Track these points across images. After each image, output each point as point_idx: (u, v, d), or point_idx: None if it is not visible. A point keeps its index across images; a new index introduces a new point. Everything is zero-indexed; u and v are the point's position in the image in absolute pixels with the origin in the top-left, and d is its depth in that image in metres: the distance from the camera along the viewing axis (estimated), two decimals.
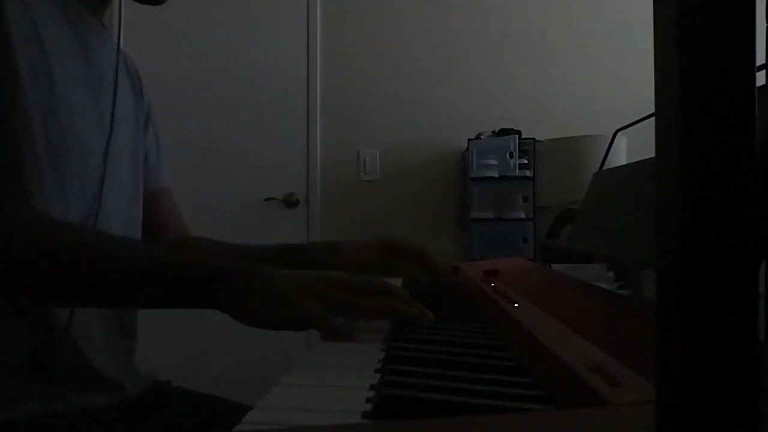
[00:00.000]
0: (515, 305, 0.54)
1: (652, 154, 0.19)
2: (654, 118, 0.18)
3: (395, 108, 2.62)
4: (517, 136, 2.33)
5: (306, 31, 2.63)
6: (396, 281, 0.82)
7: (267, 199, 2.61)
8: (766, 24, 0.33)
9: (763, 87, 0.49)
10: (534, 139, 2.34)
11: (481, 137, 2.37)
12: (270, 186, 2.62)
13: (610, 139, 1.08)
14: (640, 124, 0.94)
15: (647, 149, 0.43)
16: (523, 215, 2.32)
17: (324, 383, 0.40)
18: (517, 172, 2.30)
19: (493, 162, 2.31)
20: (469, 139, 2.35)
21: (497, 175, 2.30)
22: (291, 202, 2.61)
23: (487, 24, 2.61)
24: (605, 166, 1.03)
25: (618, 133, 1.08)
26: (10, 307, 0.64)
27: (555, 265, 0.94)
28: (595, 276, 0.80)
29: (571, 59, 2.58)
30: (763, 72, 0.56)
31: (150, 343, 1.29)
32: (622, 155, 2.10)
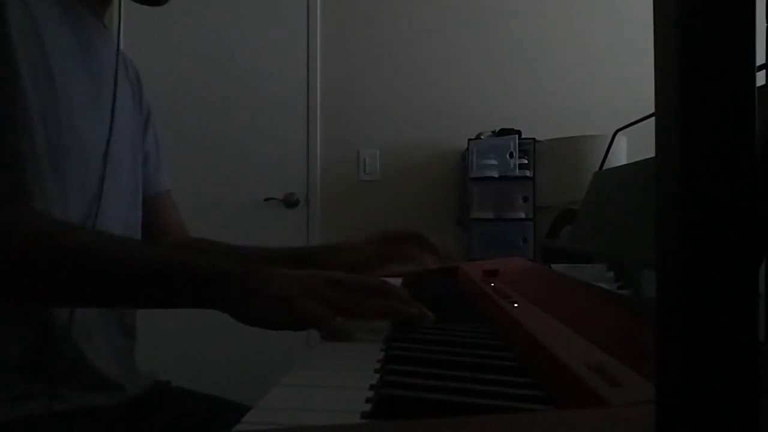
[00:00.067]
0: (515, 305, 0.54)
1: (652, 154, 0.19)
2: (654, 118, 0.18)
3: (395, 108, 2.62)
4: (517, 136, 2.33)
5: (306, 31, 2.63)
6: (396, 281, 0.83)
7: (267, 199, 2.61)
8: (766, 24, 0.33)
9: (763, 87, 0.49)
10: (534, 139, 2.34)
11: (481, 137, 2.37)
12: (270, 186, 2.62)
13: (610, 139, 1.08)
14: (640, 124, 0.94)
15: (647, 149, 0.43)
16: (523, 215, 2.32)
17: (324, 383, 0.40)
18: (517, 172, 2.30)
19: (493, 162, 2.31)
20: (469, 139, 2.35)
21: (497, 175, 2.30)
22: (291, 202, 2.61)
23: (487, 24, 2.61)
24: (605, 166, 1.03)
25: (618, 133, 1.08)
26: (10, 307, 0.64)
27: (555, 265, 0.94)
28: (595, 276, 0.80)
29: (571, 59, 2.58)
30: (763, 72, 0.56)
31: (150, 343, 1.30)
32: (622, 155, 2.10)
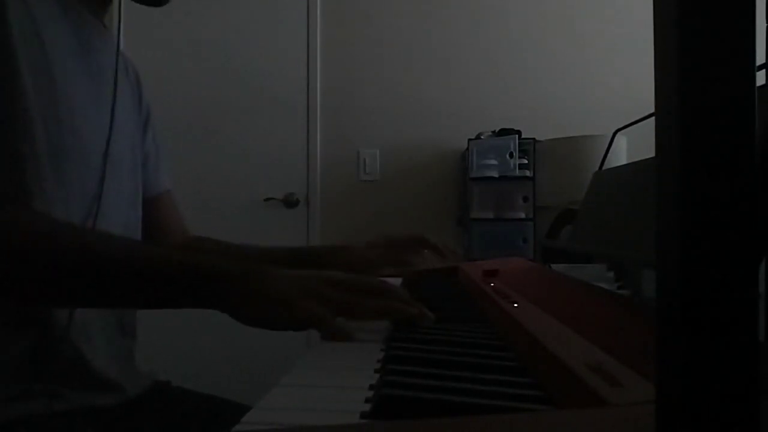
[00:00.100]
0: (515, 305, 0.54)
1: (652, 154, 0.19)
2: (654, 118, 0.18)
3: (395, 108, 2.62)
4: (517, 136, 2.33)
5: (306, 31, 2.63)
6: (396, 281, 0.83)
7: (267, 199, 2.61)
8: (766, 24, 0.33)
9: (763, 87, 0.49)
10: (534, 139, 2.34)
11: (481, 137, 2.37)
12: (270, 186, 2.62)
13: (610, 139, 1.08)
14: (640, 124, 0.94)
15: (647, 149, 0.43)
16: (523, 215, 2.32)
17: (323, 383, 0.40)
18: (517, 172, 2.30)
19: (493, 162, 2.31)
20: (469, 139, 2.35)
21: (497, 175, 2.30)
22: (291, 202, 2.61)
23: (487, 24, 2.61)
24: (605, 166, 1.03)
25: (618, 133, 1.08)
26: (10, 307, 0.64)
27: (555, 265, 0.94)
28: (595, 276, 0.80)
29: (571, 59, 2.58)
30: (763, 72, 0.56)
31: (150, 343, 1.30)
32: (622, 155, 2.10)
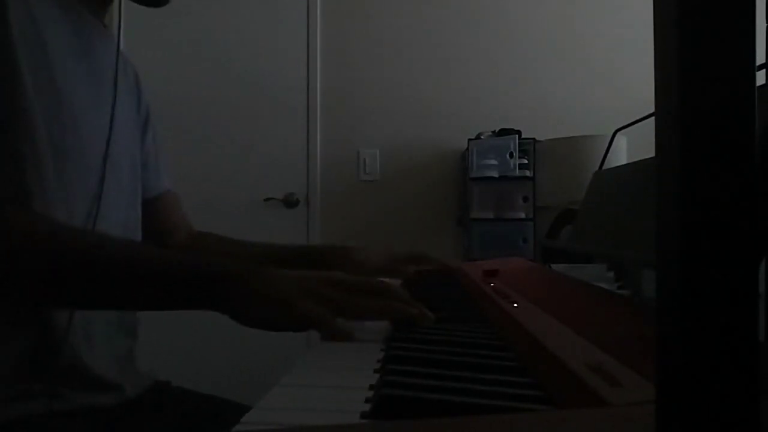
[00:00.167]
0: (515, 305, 0.54)
1: (652, 154, 0.19)
2: (654, 118, 0.18)
3: (395, 108, 2.62)
4: (517, 136, 2.33)
5: (306, 31, 2.63)
6: (396, 281, 0.83)
7: (267, 199, 2.61)
8: (766, 24, 0.33)
9: (763, 87, 0.49)
10: (534, 139, 2.34)
11: (481, 137, 2.37)
12: (270, 186, 2.62)
13: (610, 139, 1.08)
14: (640, 124, 0.94)
15: (647, 149, 0.43)
16: (523, 215, 2.32)
17: (323, 383, 0.40)
18: (517, 172, 2.30)
19: (493, 162, 2.31)
20: (469, 139, 2.35)
21: (497, 175, 2.30)
22: (291, 202, 2.61)
23: (487, 24, 2.61)
24: (605, 166, 1.03)
25: (618, 133, 1.08)
26: (10, 307, 0.64)
27: (555, 265, 0.94)
28: (595, 276, 0.80)
29: (571, 59, 2.58)
30: (763, 72, 0.56)
31: (150, 343, 1.30)
32: (622, 155, 2.10)
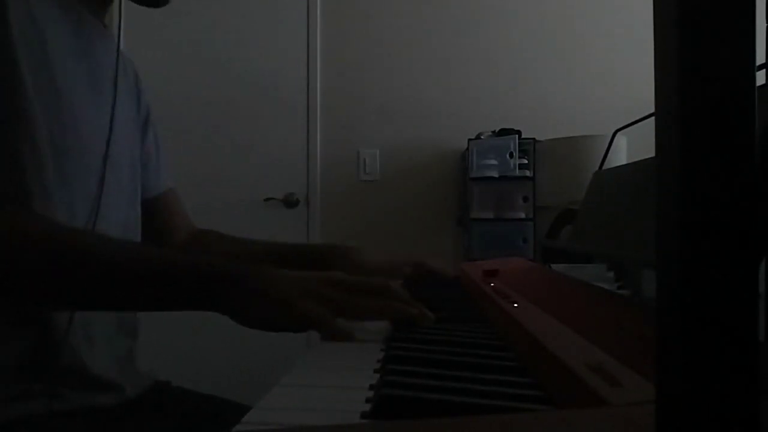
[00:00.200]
0: (515, 305, 0.54)
1: (652, 154, 0.19)
2: (654, 118, 0.18)
3: (395, 108, 2.62)
4: (517, 136, 2.33)
5: (306, 31, 2.63)
6: (396, 281, 0.83)
7: (267, 199, 2.61)
8: (766, 24, 0.33)
9: (763, 87, 0.49)
10: (534, 139, 2.34)
11: (481, 137, 2.37)
12: (270, 186, 2.62)
13: (610, 139, 1.08)
14: (640, 124, 0.94)
15: (647, 149, 0.43)
16: (523, 215, 2.32)
17: (324, 383, 0.40)
18: (517, 172, 2.30)
19: (493, 162, 2.31)
20: (469, 139, 2.35)
21: (497, 175, 2.30)
22: (291, 202, 2.61)
23: (487, 24, 2.61)
24: (605, 166, 1.03)
25: (618, 133, 1.08)
26: (10, 307, 0.64)
27: (555, 265, 0.94)
28: (595, 276, 0.80)
29: (571, 59, 2.58)
30: (763, 72, 0.56)
31: (150, 343, 1.29)
32: (622, 155, 2.10)
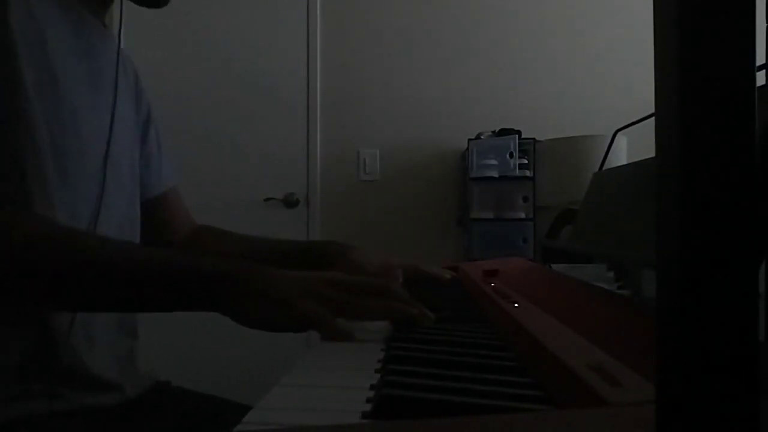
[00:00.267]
0: (515, 305, 0.54)
1: (652, 154, 0.19)
2: (654, 118, 0.18)
3: (395, 108, 2.62)
4: (517, 136, 2.33)
5: (306, 31, 2.63)
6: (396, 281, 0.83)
7: (267, 199, 2.61)
8: (766, 24, 0.33)
9: (763, 87, 0.49)
10: (534, 139, 2.34)
11: (481, 137, 2.37)
12: (270, 186, 2.62)
13: (610, 139, 1.08)
14: (640, 124, 0.94)
15: (647, 149, 0.43)
16: (523, 215, 2.32)
17: (324, 383, 0.40)
18: (517, 172, 2.30)
19: (493, 162, 2.31)
20: (469, 139, 2.35)
21: (497, 175, 2.30)
22: (291, 202, 2.61)
23: (487, 24, 2.61)
24: (605, 166, 1.03)
25: (618, 133, 1.08)
26: (10, 308, 0.64)
27: (555, 265, 0.94)
28: (595, 276, 0.80)
29: (571, 59, 2.58)
30: (763, 72, 0.56)
31: (150, 344, 1.30)
32: (622, 155, 2.10)
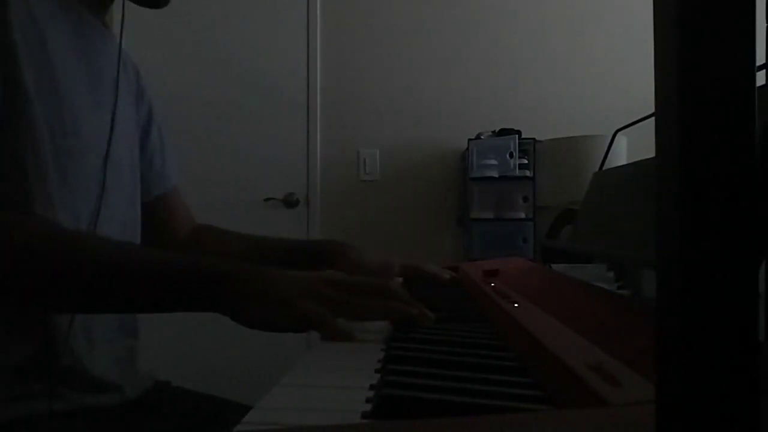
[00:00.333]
0: (515, 305, 0.54)
1: (652, 154, 0.19)
2: (654, 118, 0.18)
3: (395, 108, 2.62)
4: (517, 136, 2.33)
5: (306, 31, 2.63)
6: (396, 281, 0.83)
7: (267, 199, 2.61)
8: (766, 24, 0.33)
9: (763, 87, 0.49)
10: (534, 139, 2.34)
11: (481, 137, 2.37)
12: (270, 186, 2.62)
13: (610, 139, 1.08)
14: (640, 124, 0.94)
15: (647, 149, 0.43)
16: (523, 215, 2.32)
17: (324, 383, 0.40)
18: (517, 172, 2.30)
19: (493, 162, 2.31)
20: (469, 139, 2.35)
21: (497, 175, 2.30)
22: (291, 202, 2.61)
23: (487, 24, 2.61)
24: (605, 166, 1.03)
25: (618, 133, 1.08)
26: (10, 309, 0.64)
27: (555, 265, 0.94)
28: (595, 276, 0.80)
29: (571, 59, 2.58)
30: (763, 72, 0.56)
31: (150, 344, 1.30)
32: (622, 155, 2.10)
